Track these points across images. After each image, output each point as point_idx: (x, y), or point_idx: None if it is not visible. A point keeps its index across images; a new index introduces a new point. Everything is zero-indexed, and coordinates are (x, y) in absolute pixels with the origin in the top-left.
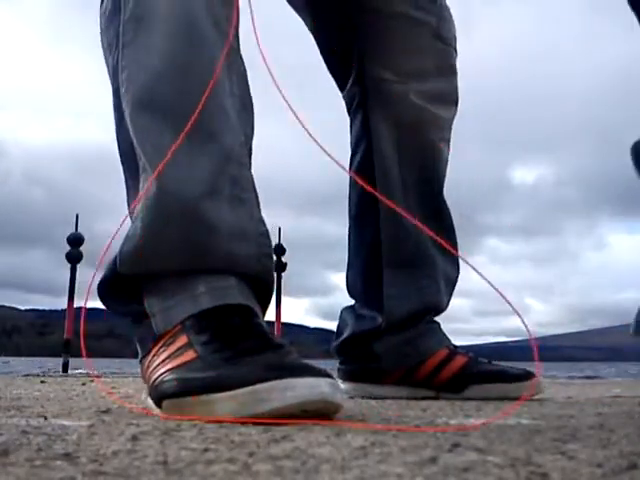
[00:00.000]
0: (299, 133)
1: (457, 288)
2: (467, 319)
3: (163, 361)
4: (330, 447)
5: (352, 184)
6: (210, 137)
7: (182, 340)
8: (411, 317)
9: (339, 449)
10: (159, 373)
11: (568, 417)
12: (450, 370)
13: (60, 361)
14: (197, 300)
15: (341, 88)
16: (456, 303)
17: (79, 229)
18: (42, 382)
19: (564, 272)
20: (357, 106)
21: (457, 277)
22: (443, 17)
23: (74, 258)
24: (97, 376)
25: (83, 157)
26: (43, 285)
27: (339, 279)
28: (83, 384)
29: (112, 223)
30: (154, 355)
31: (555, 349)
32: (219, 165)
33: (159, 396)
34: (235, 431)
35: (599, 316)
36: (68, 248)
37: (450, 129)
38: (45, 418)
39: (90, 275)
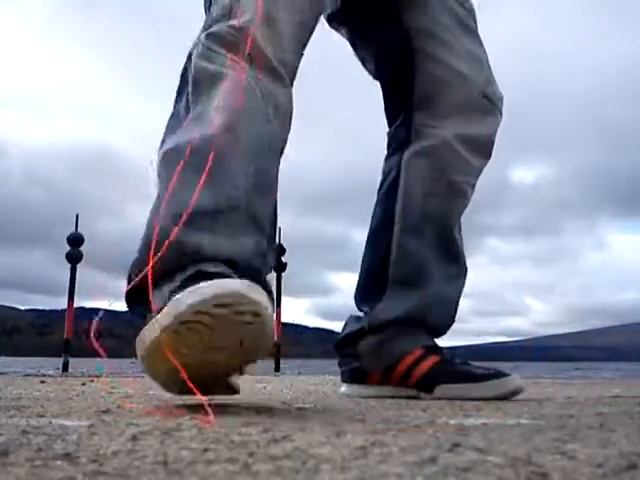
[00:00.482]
0: (300, 133)
1: None
2: (467, 319)
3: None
4: (330, 447)
5: (379, 201)
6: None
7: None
8: (391, 322)
9: (339, 449)
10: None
11: (568, 417)
12: (421, 370)
13: (60, 361)
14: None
15: (389, 124)
16: None
17: (79, 229)
18: (42, 382)
19: (564, 272)
20: (399, 148)
21: (457, 298)
22: (490, 80)
23: (74, 258)
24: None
25: (83, 157)
26: (43, 285)
27: (339, 279)
28: (83, 384)
29: (112, 223)
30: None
31: (555, 349)
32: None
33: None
34: (235, 431)
35: (599, 316)
36: (68, 248)
37: (477, 177)
38: (45, 418)
39: (90, 275)
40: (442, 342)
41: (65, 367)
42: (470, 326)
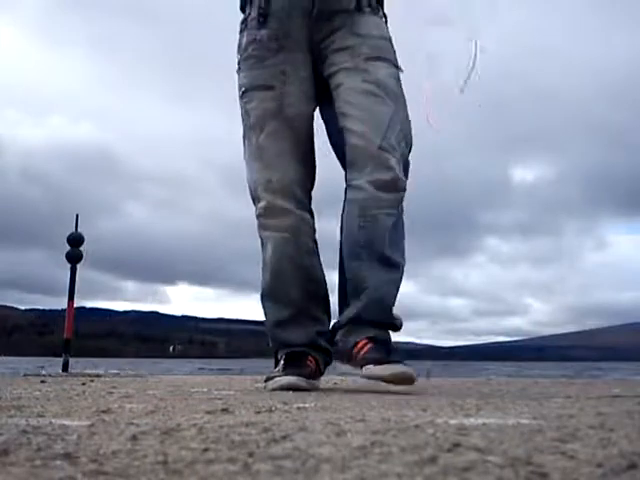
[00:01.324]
0: None
1: (457, 288)
2: (467, 319)
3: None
4: (330, 447)
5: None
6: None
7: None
8: (347, 322)
9: (339, 449)
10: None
11: (568, 417)
12: (361, 354)
13: (60, 361)
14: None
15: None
16: (456, 303)
17: (79, 229)
18: (42, 382)
19: (564, 272)
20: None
21: (391, 300)
22: (387, 135)
23: (74, 258)
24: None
25: (80, 156)
26: (43, 285)
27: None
28: (83, 384)
29: (110, 222)
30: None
31: (555, 349)
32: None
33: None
34: (235, 431)
35: (599, 316)
36: (68, 248)
37: (394, 206)
38: (45, 418)
39: (90, 275)
40: (444, 342)
41: (65, 367)
42: (470, 326)
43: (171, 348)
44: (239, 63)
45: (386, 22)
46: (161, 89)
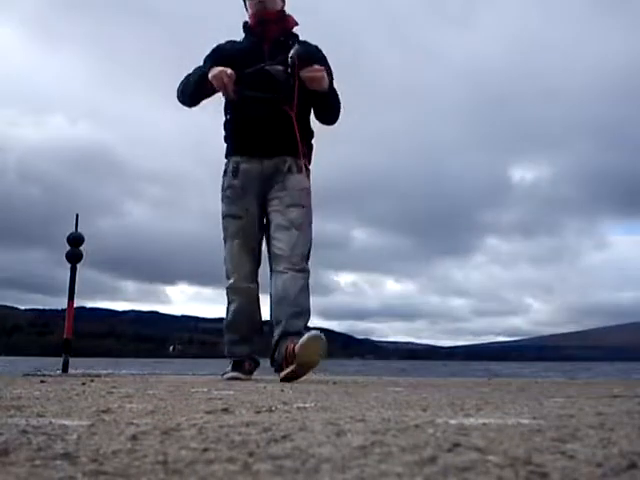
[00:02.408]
0: None
1: (457, 288)
2: (467, 319)
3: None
4: (330, 447)
5: None
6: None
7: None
8: (279, 335)
9: (339, 449)
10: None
11: (568, 417)
12: (288, 353)
13: (60, 361)
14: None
15: None
16: (456, 303)
17: (79, 229)
18: (42, 382)
19: (564, 271)
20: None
21: (304, 306)
22: (297, 244)
23: (74, 258)
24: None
25: (78, 155)
26: (43, 285)
27: (339, 279)
28: (83, 384)
29: (109, 221)
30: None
31: (555, 349)
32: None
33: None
34: (235, 431)
35: (599, 316)
36: (68, 248)
37: (302, 278)
38: (45, 418)
39: (90, 275)
40: (444, 342)
41: (65, 367)
42: (470, 326)
43: (171, 348)
44: (222, 197)
45: (308, 174)
46: (160, 88)
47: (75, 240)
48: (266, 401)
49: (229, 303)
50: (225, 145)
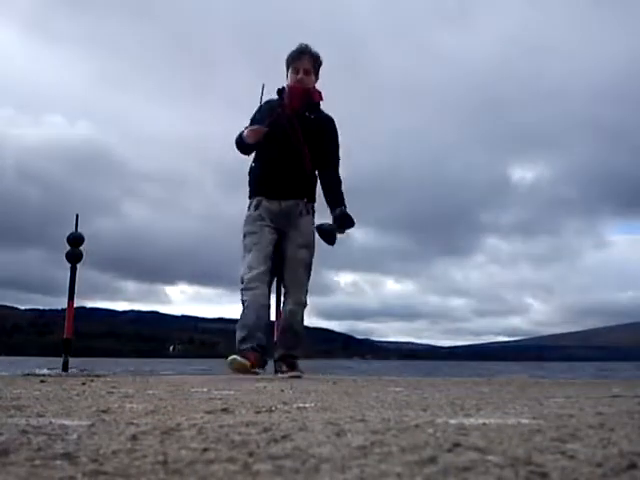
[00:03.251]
0: None
1: (457, 288)
2: (467, 319)
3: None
4: (330, 447)
5: None
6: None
7: None
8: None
9: (339, 449)
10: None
11: (568, 417)
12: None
13: (60, 361)
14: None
15: None
16: (456, 303)
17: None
18: (42, 382)
19: (564, 271)
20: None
21: (299, 332)
22: (302, 282)
23: (74, 258)
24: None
25: (76, 155)
26: (43, 285)
27: (339, 279)
28: (83, 384)
29: (108, 221)
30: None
31: (555, 349)
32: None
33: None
34: (235, 431)
35: (599, 316)
36: (68, 248)
37: (301, 311)
38: (45, 418)
39: (90, 275)
40: (444, 342)
41: (65, 367)
42: (470, 326)
43: (171, 348)
44: (245, 222)
45: (313, 214)
46: (160, 88)
47: (75, 240)
48: (266, 401)
49: (242, 304)
50: (249, 187)
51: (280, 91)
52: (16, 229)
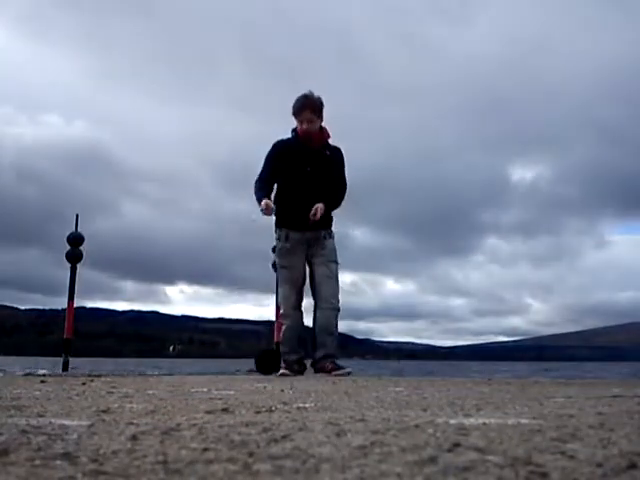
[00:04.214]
0: None
1: (457, 288)
2: (467, 319)
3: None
4: (330, 447)
5: None
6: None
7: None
8: (323, 355)
9: (339, 449)
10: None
11: (568, 417)
12: (324, 369)
13: (60, 361)
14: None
15: None
16: (456, 303)
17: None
18: (42, 382)
19: (564, 271)
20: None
21: (333, 338)
22: (334, 291)
23: (74, 257)
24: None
25: (75, 154)
26: (43, 285)
27: (339, 279)
28: (83, 384)
29: (107, 221)
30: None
31: (555, 349)
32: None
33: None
34: (235, 431)
35: (599, 316)
36: (68, 247)
37: (336, 315)
38: (45, 418)
39: (90, 275)
40: (444, 342)
41: (65, 367)
42: (470, 326)
43: (171, 348)
44: (277, 253)
45: (333, 236)
46: (159, 87)
47: (75, 240)
48: (266, 401)
49: (283, 325)
50: (275, 217)
51: (294, 130)
52: (16, 229)
